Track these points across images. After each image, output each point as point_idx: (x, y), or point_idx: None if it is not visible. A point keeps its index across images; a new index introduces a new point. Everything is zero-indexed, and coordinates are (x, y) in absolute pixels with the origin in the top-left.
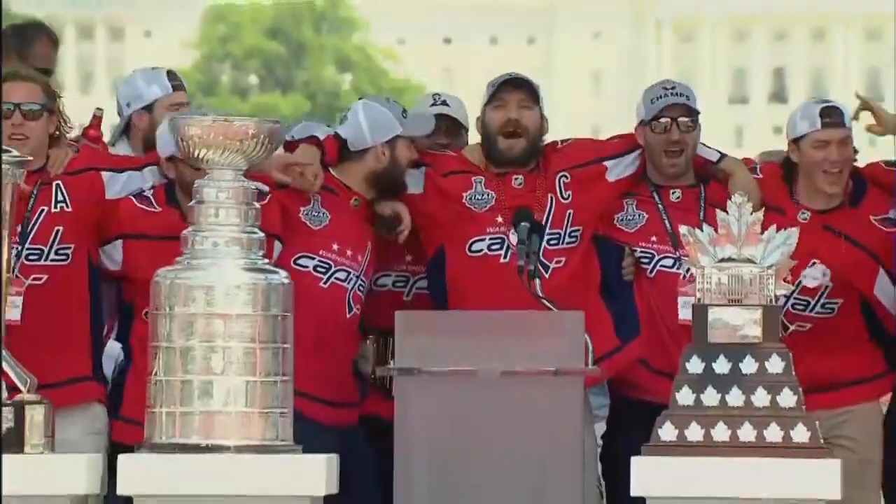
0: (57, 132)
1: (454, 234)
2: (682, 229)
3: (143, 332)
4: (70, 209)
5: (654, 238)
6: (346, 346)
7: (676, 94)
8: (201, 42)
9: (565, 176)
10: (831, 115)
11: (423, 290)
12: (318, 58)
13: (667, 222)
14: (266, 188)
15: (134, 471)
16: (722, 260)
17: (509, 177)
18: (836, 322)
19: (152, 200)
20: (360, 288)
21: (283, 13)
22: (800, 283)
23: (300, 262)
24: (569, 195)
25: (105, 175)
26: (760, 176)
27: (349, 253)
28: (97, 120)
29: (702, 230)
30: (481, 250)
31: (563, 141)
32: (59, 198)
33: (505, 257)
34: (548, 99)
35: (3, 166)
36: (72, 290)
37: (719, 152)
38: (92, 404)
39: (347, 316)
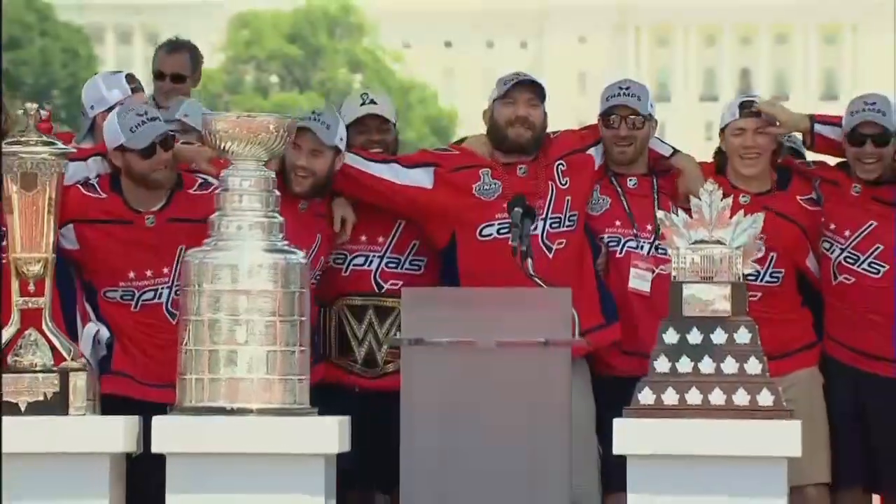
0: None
1: (465, 222)
2: (660, 214)
3: (106, 307)
4: None
5: (618, 222)
6: None
7: (629, 94)
8: (227, 46)
9: (562, 164)
10: (748, 107)
11: (360, 266)
12: (331, 60)
13: (626, 206)
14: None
15: (166, 431)
16: (695, 242)
17: (514, 167)
18: (780, 291)
19: (97, 188)
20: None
21: (301, 20)
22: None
23: None
24: (566, 181)
25: None
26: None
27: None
28: (48, 115)
29: (666, 215)
30: (491, 234)
31: (553, 133)
32: None
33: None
34: None
35: (49, 157)
36: None
37: (672, 148)
38: None
39: None
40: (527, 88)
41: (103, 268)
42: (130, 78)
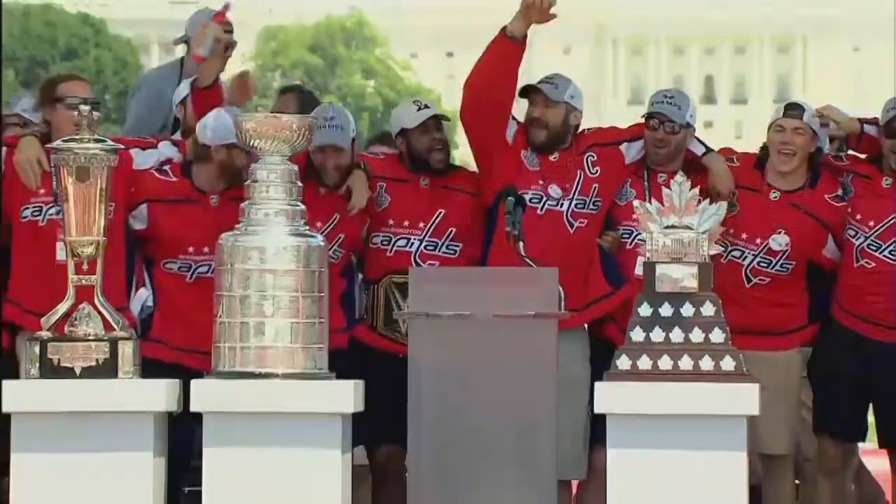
0: None
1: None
2: (635, 203)
3: (161, 277)
4: None
5: (635, 215)
6: None
7: (671, 104)
8: (257, 55)
9: (592, 155)
10: (792, 109)
11: (403, 248)
12: (348, 68)
13: (635, 206)
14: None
15: (203, 392)
16: (667, 227)
17: (547, 153)
18: (788, 279)
19: (169, 172)
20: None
21: (321, 33)
22: (766, 245)
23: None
24: (596, 170)
25: (132, 151)
26: (737, 164)
27: None
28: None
29: (641, 204)
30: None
31: (587, 129)
32: None
33: (540, 210)
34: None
35: (100, 152)
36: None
37: (706, 148)
38: None
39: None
40: (537, 92)
41: (167, 242)
42: None
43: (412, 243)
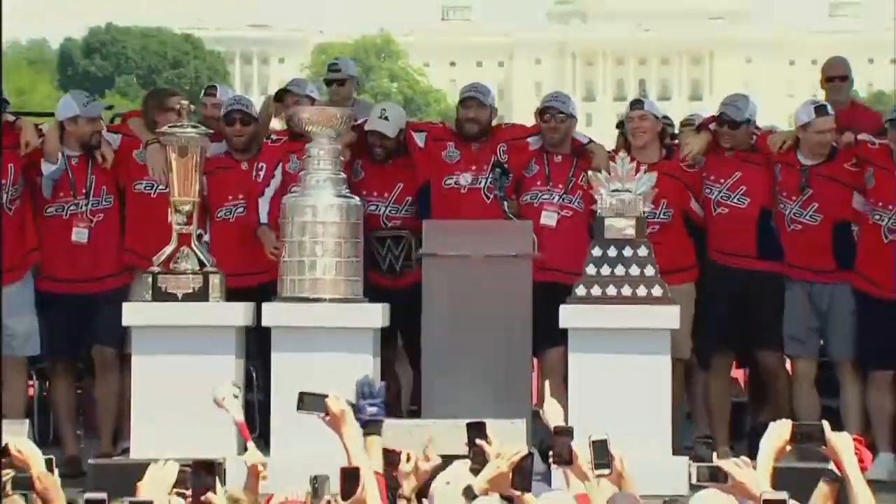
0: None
1: (436, 174)
2: (590, 173)
3: (215, 223)
4: None
5: (538, 182)
6: None
7: (557, 101)
8: (312, 65)
9: (503, 146)
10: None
11: (373, 212)
12: (378, 74)
13: (547, 173)
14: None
15: (272, 312)
16: (613, 190)
17: (470, 144)
18: (672, 224)
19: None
20: None
21: (359, 48)
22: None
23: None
24: (506, 157)
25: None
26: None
27: None
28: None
29: (594, 174)
30: (450, 184)
31: (504, 124)
32: None
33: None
34: (509, 100)
35: (196, 135)
36: None
37: (589, 139)
38: None
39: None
40: (473, 99)
41: (216, 195)
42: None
43: (379, 208)
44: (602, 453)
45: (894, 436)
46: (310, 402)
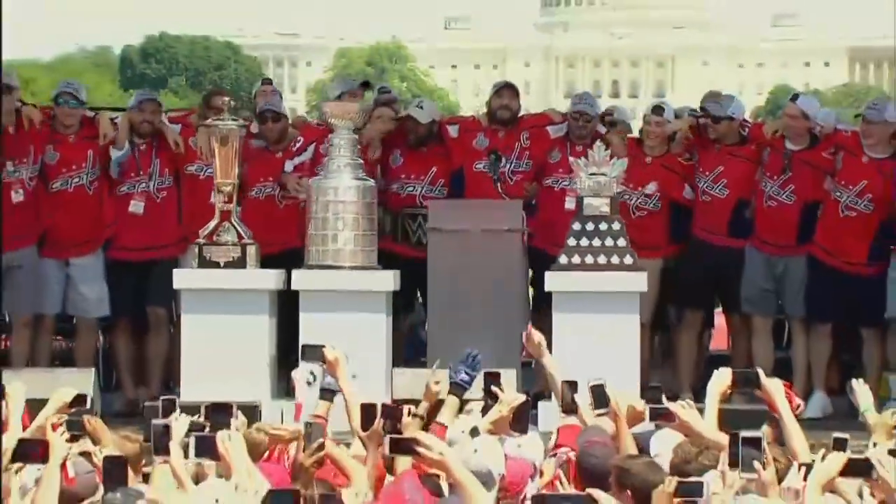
0: None
1: (467, 158)
2: (570, 159)
3: (249, 199)
4: None
5: (561, 169)
6: None
7: (584, 103)
8: (332, 68)
9: (525, 133)
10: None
11: (413, 192)
12: (391, 75)
13: (570, 161)
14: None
15: (300, 277)
16: (591, 174)
17: (497, 132)
18: (659, 212)
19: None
20: None
21: (374, 53)
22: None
23: None
24: (528, 143)
25: None
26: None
27: None
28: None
29: (574, 160)
30: (479, 168)
31: (526, 114)
32: None
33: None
34: None
35: (236, 127)
36: None
37: (606, 129)
38: None
39: None
40: (508, 88)
41: (251, 178)
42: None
43: (416, 188)
44: (600, 396)
45: (828, 379)
46: (310, 352)
